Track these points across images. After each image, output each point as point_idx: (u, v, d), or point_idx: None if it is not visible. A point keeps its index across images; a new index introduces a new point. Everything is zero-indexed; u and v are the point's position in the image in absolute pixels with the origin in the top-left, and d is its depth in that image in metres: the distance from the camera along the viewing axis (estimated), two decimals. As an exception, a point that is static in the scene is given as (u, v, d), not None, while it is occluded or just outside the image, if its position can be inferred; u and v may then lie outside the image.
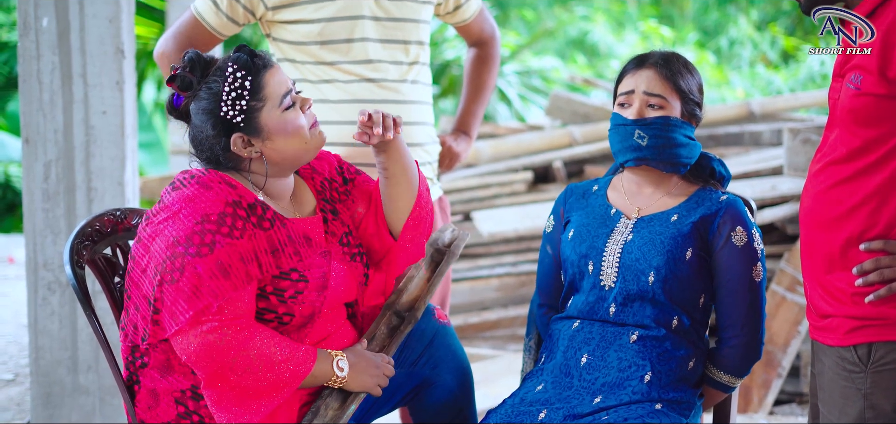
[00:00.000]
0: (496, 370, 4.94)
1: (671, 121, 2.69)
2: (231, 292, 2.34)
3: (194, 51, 2.49)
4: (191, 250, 2.34)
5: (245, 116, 2.45)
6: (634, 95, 2.72)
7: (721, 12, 15.98)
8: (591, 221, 2.79)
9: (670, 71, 2.71)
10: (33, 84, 3.88)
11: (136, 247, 2.47)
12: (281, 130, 2.47)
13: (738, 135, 6.22)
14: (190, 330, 2.33)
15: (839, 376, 2.40)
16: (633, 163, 2.73)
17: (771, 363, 4.85)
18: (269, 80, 2.47)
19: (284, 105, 2.48)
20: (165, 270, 2.35)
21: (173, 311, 2.34)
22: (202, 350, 2.33)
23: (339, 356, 2.52)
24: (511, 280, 5.72)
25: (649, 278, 2.65)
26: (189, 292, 2.32)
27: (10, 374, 5.26)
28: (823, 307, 2.42)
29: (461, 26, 3.49)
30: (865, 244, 2.34)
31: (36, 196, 3.92)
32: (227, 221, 2.38)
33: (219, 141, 2.47)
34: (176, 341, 2.36)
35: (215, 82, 2.44)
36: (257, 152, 2.48)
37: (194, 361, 2.35)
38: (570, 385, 2.66)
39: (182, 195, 2.43)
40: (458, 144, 3.51)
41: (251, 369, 2.36)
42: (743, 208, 2.71)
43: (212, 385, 2.37)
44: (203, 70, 2.47)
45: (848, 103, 2.33)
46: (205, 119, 2.46)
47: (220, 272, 2.34)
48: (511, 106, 10.56)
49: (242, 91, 2.44)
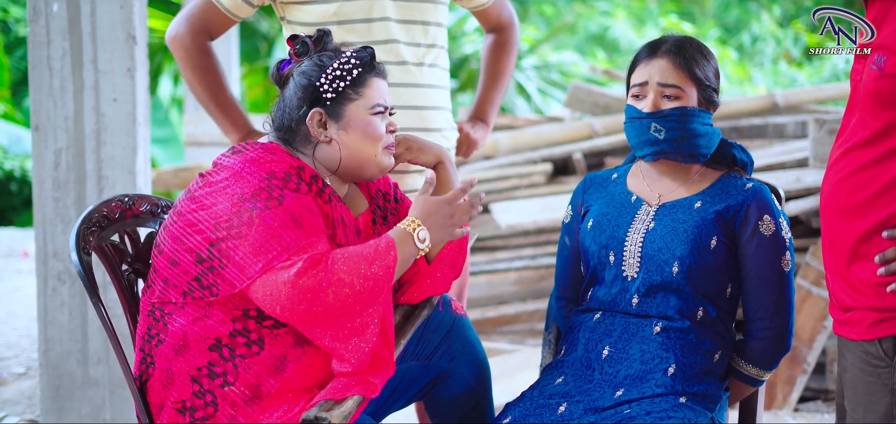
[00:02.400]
0: (514, 364, 4.89)
1: (688, 111, 2.60)
2: (304, 240, 2.34)
3: (326, 29, 2.57)
4: (259, 204, 2.35)
5: (335, 98, 2.48)
6: (648, 86, 2.64)
7: (742, 9, 15.94)
8: (611, 209, 2.72)
9: (684, 58, 2.63)
10: (43, 70, 3.83)
11: (184, 203, 2.45)
12: (360, 128, 2.51)
13: (762, 127, 6.16)
14: (268, 279, 2.31)
15: (864, 372, 2.32)
16: (651, 157, 2.67)
17: (796, 360, 4.78)
18: (375, 84, 2.53)
19: (374, 110, 2.52)
20: (231, 226, 2.35)
21: (243, 265, 2.33)
22: (295, 296, 2.30)
23: (416, 226, 2.48)
24: (530, 274, 5.66)
25: (673, 268, 2.58)
26: (260, 243, 2.32)
27: (22, 367, 5.25)
28: (846, 300, 2.34)
29: (479, 11, 3.43)
30: (888, 232, 2.26)
31: (46, 185, 3.87)
32: (293, 179, 2.41)
33: (299, 109, 2.49)
34: (256, 293, 2.34)
35: (328, 58, 2.50)
36: (328, 138, 2.50)
37: (287, 309, 2.32)
38: (591, 378, 2.60)
39: (245, 157, 2.45)
40: (476, 132, 3.45)
41: (348, 294, 2.33)
42: (770, 197, 2.63)
43: (314, 333, 2.36)
44: (322, 47, 2.54)
45: (870, 85, 2.26)
46: (299, 86, 2.50)
47: (293, 222, 2.34)
48: (530, 100, 10.51)
49: (347, 76, 2.48)
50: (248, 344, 2.39)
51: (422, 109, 3.10)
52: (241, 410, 2.39)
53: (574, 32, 15.44)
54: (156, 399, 2.47)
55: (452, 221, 2.53)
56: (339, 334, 2.36)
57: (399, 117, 3.04)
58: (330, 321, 2.34)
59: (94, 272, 2.57)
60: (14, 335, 5.95)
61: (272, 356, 2.40)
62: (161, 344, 2.44)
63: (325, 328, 2.35)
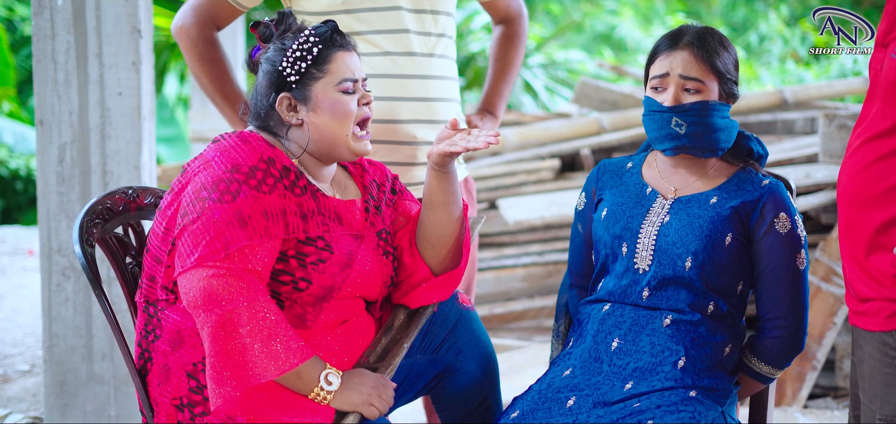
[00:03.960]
0: (522, 360, 4.87)
1: (710, 105, 2.56)
2: (245, 241, 2.29)
3: (289, 9, 2.53)
4: (214, 195, 2.32)
5: (299, 80, 2.45)
6: (669, 78, 2.58)
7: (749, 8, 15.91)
8: (626, 200, 2.69)
9: (706, 51, 2.57)
10: (48, 64, 3.81)
11: (164, 198, 2.45)
12: (328, 107, 2.45)
13: (771, 123, 6.14)
14: (194, 272, 2.28)
15: (881, 363, 2.31)
16: (672, 152, 2.62)
17: (805, 356, 4.75)
18: (339, 59, 2.47)
19: (342, 87, 2.46)
20: (187, 212, 2.33)
21: (183, 252, 2.31)
22: (201, 293, 2.27)
23: (331, 371, 2.38)
24: (537, 270, 5.63)
25: (686, 263, 2.55)
26: (201, 234, 2.29)
27: (27, 365, 5.23)
28: (863, 290, 2.32)
29: (487, 2, 3.39)
30: (907, 222, 2.22)
31: (50, 179, 3.85)
32: (258, 175, 2.36)
33: (267, 97, 2.47)
34: (181, 281, 2.31)
35: (289, 40, 2.46)
36: (299, 121, 2.47)
37: (192, 303, 2.29)
38: (600, 370, 2.57)
39: (219, 146, 2.43)
40: (484, 124, 3.41)
41: (242, 332, 2.26)
42: (786, 194, 2.60)
43: (206, 335, 2.29)
44: (285, 28, 2.50)
45: (892, 75, 2.24)
46: (265, 72, 2.48)
47: (238, 220, 2.30)
48: (537, 98, 10.48)
49: (307, 55, 2.44)
50: None
51: (430, 101, 3.07)
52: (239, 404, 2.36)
53: (581, 31, 15.42)
54: (153, 394, 2.45)
55: (366, 399, 2.39)
56: (214, 359, 2.28)
57: (407, 109, 3.01)
58: (212, 339, 2.27)
59: (98, 266, 2.56)
60: (19, 333, 5.93)
61: None
62: (157, 339, 2.43)
63: (208, 343, 2.28)
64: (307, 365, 2.34)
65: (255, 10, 7.33)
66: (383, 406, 2.41)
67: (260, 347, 2.28)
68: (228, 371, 2.27)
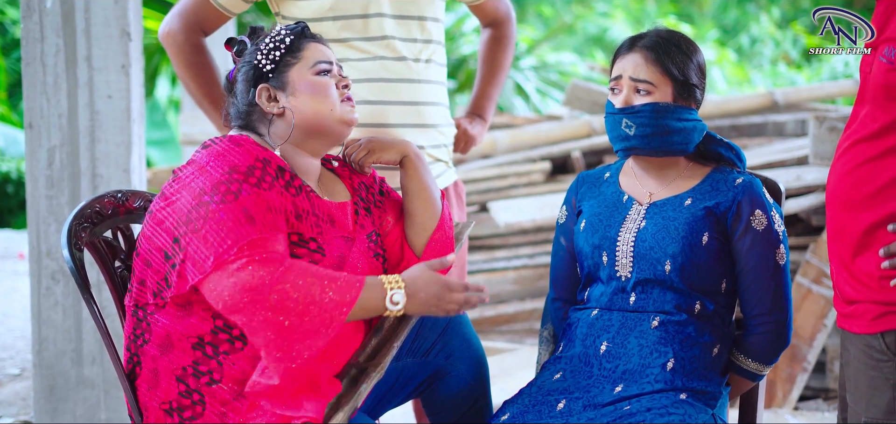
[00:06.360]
0: (513, 363, 4.86)
1: (660, 107, 2.57)
2: (255, 235, 2.28)
3: (259, 25, 2.56)
4: (216, 198, 2.30)
5: (275, 68, 2.47)
6: (622, 80, 2.61)
7: (740, 10, 15.96)
8: (604, 209, 2.70)
9: (658, 54, 2.59)
10: (37, 67, 3.80)
11: (155, 203, 2.42)
12: (307, 89, 2.47)
13: (762, 125, 6.15)
14: (218, 275, 2.26)
15: (866, 366, 2.30)
16: (623, 153, 2.65)
17: (796, 358, 4.75)
18: (311, 47, 2.51)
19: (317, 69, 2.49)
20: (190, 219, 2.31)
21: (196, 259, 2.29)
22: (236, 293, 2.25)
23: (395, 286, 2.37)
24: (528, 273, 5.63)
25: (665, 266, 2.56)
26: (212, 237, 2.27)
27: (17, 369, 5.23)
28: (850, 292, 2.32)
29: (475, 6, 3.39)
30: (894, 225, 2.23)
31: (39, 183, 3.84)
32: (256, 174, 2.36)
33: (247, 93, 2.49)
34: (206, 288, 2.29)
35: (263, 41, 2.50)
36: (280, 109, 2.47)
37: (230, 305, 2.26)
38: (590, 373, 2.58)
39: (212, 151, 2.42)
40: (473, 127, 3.41)
41: (292, 305, 2.26)
42: (761, 190, 2.60)
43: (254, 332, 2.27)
44: (258, 37, 2.54)
45: (880, 78, 2.24)
46: (243, 74, 2.50)
47: (246, 218, 2.29)
48: (528, 100, 10.49)
49: (280, 45, 2.47)
50: (231, 340, 2.35)
51: (419, 105, 3.06)
52: (231, 406, 2.36)
53: (572, 33, 15.44)
54: (143, 398, 2.44)
55: (440, 305, 2.40)
56: (275, 344, 2.28)
57: (396, 113, 3.01)
58: (268, 327, 2.26)
59: (87, 270, 2.55)
60: (9, 337, 5.93)
61: (255, 350, 2.35)
62: (146, 344, 2.41)
63: (262, 333, 2.27)
64: (365, 295, 2.33)
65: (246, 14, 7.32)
66: (454, 309, 2.41)
67: (316, 308, 2.27)
68: (296, 346, 2.28)
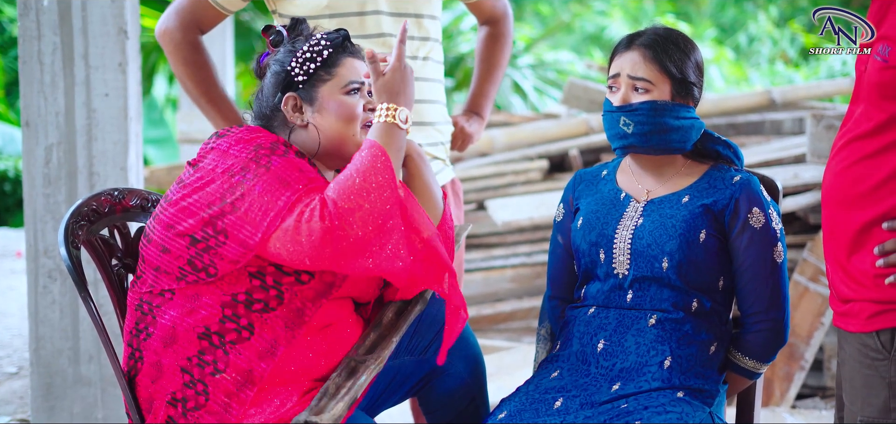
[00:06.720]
0: (511, 362, 4.86)
1: (658, 105, 2.57)
2: (294, 196, 2.32)
3: (302, 17, 2.58)
4: (248, 175, 2.35)
5: (307, 81, 2.48)
6: (620, 78, 2.61)
7: (738, 9, 15.96)
8: (601, 207, 2.70)
9: (656, 52, 2.59)
10: (34, 65, 3.80)
11: (173, 191, 2.44)
12: (334, 110, 2.49)
13: (759, 123, 6.15)
14: (279, 232, 2.30)
15: (862, 365, 2.30)
16: (621, 152, 2.65)
17: (793, 356, 4.75)
18: (348, 63, 2.51)
19: (347, 89, 2.50)
20: (225, 202, 2.34)
21: (244, 239, 2.31)
22: (321, 240, 2.28)
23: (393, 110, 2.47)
24: (526, 271, 5.63)
25: (663, 263, 2.56)
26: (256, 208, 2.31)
27: (14, 367, 5.22)
28: (845, 291, 2.32)
29: (472, 3, 3.39)
30: (888, 223, 2.23)
31: (36, 181, 3.83)
32: (280, 149, 2.40)
33: (273, 95, 2.50)
34: (272, 251, 2.32)
35: (299, 43, 2.51)
36: (304, 122, 2.49)
37: (316, 255, 2.30)
38: (587, 371, 2.58)
39: (230, 138, 2.46)
40: (471, 125, 3.41)
41: (363, 214, 2.32)
42: (758, 188, 2.60)
43: (344, 261, 2.32)
44: (297, 34, 2.55)
45: (875, 76, 2.23)
46: (273, 73, 2.51)
47: (281, 182, 2.33)
48: (526, 98, 10.49)
49: (317, 57, 2.48)
50: (238, 330, 2.36)
51: (416, 103, 3.05)
52: (235, 397, 2.36)
53: (570, 32, 15.44)
54: (145, 393, 2.43)
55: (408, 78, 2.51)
56: (378, 252, 2.34)
57: (392, 111, 3.01)
58: (361, 248, 2.31)
59: (84, 268, 2.54)
60: (6, 335, 5.92)
61: (263, 340, 2.36)
62: (149, 338, 2.41)
63: (361, 257, 2.32)
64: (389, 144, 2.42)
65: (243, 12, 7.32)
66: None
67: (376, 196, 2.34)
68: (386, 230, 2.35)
